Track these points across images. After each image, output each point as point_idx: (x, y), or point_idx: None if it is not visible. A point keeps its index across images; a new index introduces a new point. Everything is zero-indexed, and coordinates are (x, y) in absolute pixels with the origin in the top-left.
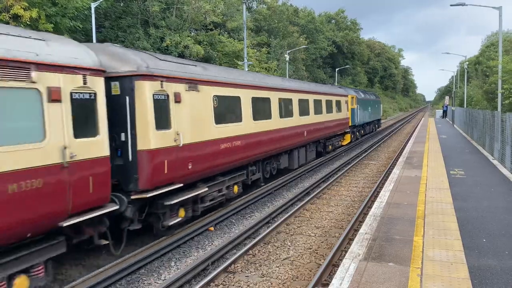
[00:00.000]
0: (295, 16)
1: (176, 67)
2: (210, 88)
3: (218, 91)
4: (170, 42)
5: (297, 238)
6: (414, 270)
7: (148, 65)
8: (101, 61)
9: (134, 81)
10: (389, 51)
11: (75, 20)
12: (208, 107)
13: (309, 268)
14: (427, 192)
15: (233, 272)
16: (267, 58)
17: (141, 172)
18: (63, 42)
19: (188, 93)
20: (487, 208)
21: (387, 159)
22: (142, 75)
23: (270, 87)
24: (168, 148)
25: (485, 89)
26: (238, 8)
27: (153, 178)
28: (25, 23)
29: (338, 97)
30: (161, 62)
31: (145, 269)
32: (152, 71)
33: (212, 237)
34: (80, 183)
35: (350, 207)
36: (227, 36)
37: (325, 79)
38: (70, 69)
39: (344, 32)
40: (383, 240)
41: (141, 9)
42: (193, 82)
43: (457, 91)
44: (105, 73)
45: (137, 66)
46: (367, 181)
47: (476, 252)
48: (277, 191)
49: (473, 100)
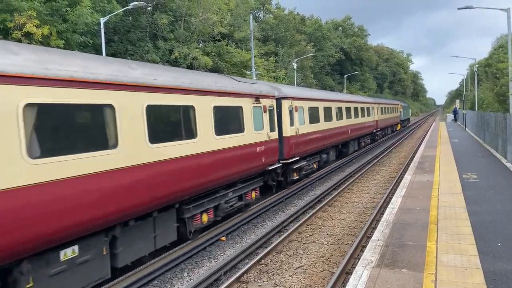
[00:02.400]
0: (302, 25)
1: (295, 92)
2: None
3: (308, 103)
4: (179, 54)
5: (309, 246)
6: (428, 276)
7: (286, 92)
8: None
9: (281, 100)
10: (398, 56)
11: (85, 35)
12: (305, 113)
13: (322, 277)
14: (439, 196)
15: (246, 282)
16: (275, 67)
17: (284, 148)
18: (266, 84)
19: (302, 103)
20: (501, 211)
21: (399, 164)
22: (286, 97)
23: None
24: (293, 136)
25: (496, 91)
26: (245, 18)
27: (290, 152)
28: (37, 40)
29: (372, 105)
30: (289, 89)
31: (158, 280)
32: (287, 95)
33: (224, 247)
34: (272, 149)
35: (362, 214)
36: (234, 46)
37: (333, 86)
38: (268, 96)
39: (352, 39)
40: (396, 246)
41: (150, 23)
42: (306, 99)
43: (468, 94)
44: (274, 97)
45: (281, 93)
46: (379, 187)
47: (491, 257)
48: (288, 199)
49: (484, 102)
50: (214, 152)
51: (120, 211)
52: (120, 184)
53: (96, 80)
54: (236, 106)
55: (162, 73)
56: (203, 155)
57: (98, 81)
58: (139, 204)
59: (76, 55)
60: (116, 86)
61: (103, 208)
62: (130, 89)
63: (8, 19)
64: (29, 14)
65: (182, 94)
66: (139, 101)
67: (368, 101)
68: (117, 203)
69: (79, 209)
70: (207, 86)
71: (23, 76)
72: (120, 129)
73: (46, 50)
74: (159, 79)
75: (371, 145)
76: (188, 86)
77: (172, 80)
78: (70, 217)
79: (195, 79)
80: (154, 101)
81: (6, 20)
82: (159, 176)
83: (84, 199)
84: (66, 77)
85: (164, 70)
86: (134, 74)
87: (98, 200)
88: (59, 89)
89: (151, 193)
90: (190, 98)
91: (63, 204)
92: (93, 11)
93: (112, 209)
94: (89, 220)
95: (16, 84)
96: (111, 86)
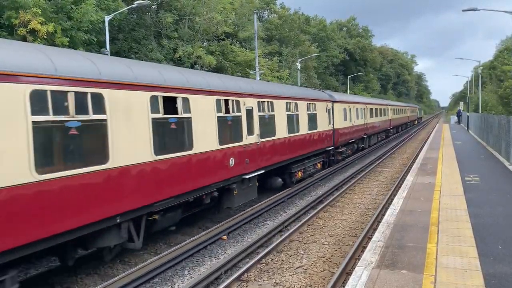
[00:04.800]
0: (307, 25)
1: (341, 97)
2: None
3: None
4: (183, 53)
5: (310, 246)
6: (427, 278)
7: (336, 97)
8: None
9: (333, 103)
10: (402, 58)
11: (90, 33)
12: (341, 112)
13: (323, 277)
14: (441, 198)
15: (246, 280)
16: (279, 66)
17: (335, 137)
18: (326, 92)
19: (346, 105)
20: (502, 214)
21: (401, 166)
22: (336, 101)
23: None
24: (339, 129)
25: (500, 94)
26: (249, 18)
27: (337, 141)
28: (42, 37)
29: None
30: (337, 95)
31: (159, 278)
32: (338, 99)
33: (225, 246)
34: (330, 137)
35: (364, 214)
36: (238, 46)
37: (337, 86)
38: (329, 100)
39: (356, 39)
40: (396, 247)
41: (154, 21)
42: (347, 102)
43: (472, 97)
44: (331, 101)
45: (335, 98)
46: (381, 189)
47: (491, 259)
48: (290, 199)
49: (488, 105)
50: (307, 134)
51: (283, 160)
52: (282, 147)
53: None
54: (315, 107)
55: (288, 90)
56: (303, 135)
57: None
58: (281, 160)
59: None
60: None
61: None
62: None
63: (14, 16)
64: (34, 12)
65: (295, 101)
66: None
67: (400, 104)
68: (280, 157)
69: (359, 131)
70: (304, 95)
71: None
72: (302, 121)
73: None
74: (290, 91)
75: (386, 140)
76: (294, 95)
77: (295, 94)
78: (361, 132)
79: (302, 93)
80: (289, 112)
81: (11, 17)
82: (292, 143)
83: (361, 129)
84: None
85: (280, 87)
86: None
87: (272, 156)
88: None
89: (287, 155)
90: (298, 105)
91: (359, 130)
92: (97, 9)
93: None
94: (360, 135)
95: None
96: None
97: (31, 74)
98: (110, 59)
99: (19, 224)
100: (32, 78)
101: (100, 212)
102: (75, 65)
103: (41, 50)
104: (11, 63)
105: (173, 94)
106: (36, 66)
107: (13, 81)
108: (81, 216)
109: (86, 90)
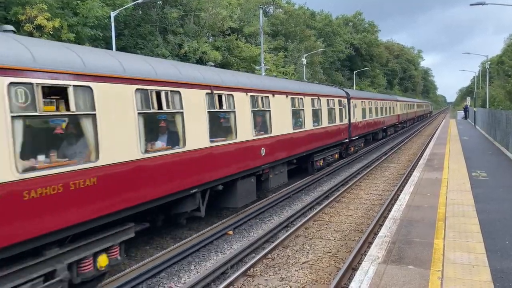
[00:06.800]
0: (312, 20)
1: (355, 93)
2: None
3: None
4: (188, 49)
5: (316, 242)
6: (434, 273)
7: (351, 93)
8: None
9: (349, 99)
10: (408, 53)
11: (96, 29)
12: (356, 107)
13: (329, 272)
14: (448, 194)
15: (252, 275)
16: (284, 62)
17: (350, 130)
18: (342, 89)
19: (360, 101)
20: (510, 210)
21: (408, 161)
22: (351, 97)
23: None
24: (354, 123)
25: (508, 89)
26: (255, 13)
27: (353, 133)
28: (48, 33)
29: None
30: (352, 92)
31: (165, 273)
32: (352, 96)
33: (231, 241)
34: (346, 130)
35: (370, 210)
36: (244, 41)
37: (343, 81)
38: (344, 96)
39: (362, 35)
40: (402, 242)
41: (160, 17)
42: (360, 98)
43: (479, 92)
44: (346, 97)
45: (349, 94)
46: (387, 184)
47: (499, 255)
48: (295, 194)
49: (496, 100)
50: (328, 127)
51: (308, 149)
52: (308, 138)
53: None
54: (334, 103)
55: (313, 88)
56: (324, 128)
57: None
58: (307, 149)
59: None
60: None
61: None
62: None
63: (20, 12)
64: (40, 7)
65: (318, 97)
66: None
67: (410, 100)
68: (306, 147)
69: (372, 125)
70: (325, 92)
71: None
72: (323, 114)
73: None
74: (314, 89)
75: (395, 134)
76: (317, 92)
77: (318, 91)
78: (374, 127)
79: (323, 90)
80: (314, 106)
81: (18, 13)
82: (315, 135)
83: (374, 123)
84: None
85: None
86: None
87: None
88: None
89: (312, 145)
90: (321, 100)
91: (371, 123)
92: (103, 5)
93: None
94: (372, 130)
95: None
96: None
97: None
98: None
99: (143, 186)
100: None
101: (183, 184)
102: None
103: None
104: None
105: (234, 93)
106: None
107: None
108: (174, 184)
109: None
